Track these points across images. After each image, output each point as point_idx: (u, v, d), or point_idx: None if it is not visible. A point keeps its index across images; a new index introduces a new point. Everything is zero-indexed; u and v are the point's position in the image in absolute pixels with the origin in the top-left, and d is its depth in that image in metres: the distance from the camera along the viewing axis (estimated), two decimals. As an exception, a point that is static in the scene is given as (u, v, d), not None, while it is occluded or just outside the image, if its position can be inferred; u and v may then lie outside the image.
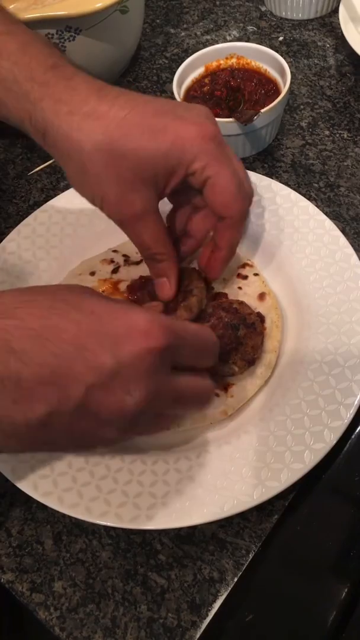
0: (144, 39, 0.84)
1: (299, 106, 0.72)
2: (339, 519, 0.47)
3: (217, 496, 0.44)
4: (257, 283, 0.55)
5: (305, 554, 0.46)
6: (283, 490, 0.44)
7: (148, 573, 0.45)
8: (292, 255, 0.56)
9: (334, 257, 0.54)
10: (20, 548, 0.47)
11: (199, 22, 0.85)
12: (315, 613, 0.43)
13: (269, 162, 0.67)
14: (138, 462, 0.47)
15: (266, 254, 0.57)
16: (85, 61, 0.69)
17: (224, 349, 0.49)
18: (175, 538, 0.46)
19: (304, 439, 0.46)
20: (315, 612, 0.43)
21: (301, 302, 0.54)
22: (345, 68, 0.75)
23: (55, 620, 0.44)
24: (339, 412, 0.46)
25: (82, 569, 0.46)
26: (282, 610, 0.44)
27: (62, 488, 0.45)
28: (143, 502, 0.44)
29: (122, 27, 0.70)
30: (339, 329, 0.51)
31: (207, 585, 0.44)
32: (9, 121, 0.48)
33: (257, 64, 0.68)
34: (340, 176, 0.65)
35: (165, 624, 0.43)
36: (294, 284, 0.55)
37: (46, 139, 0.45)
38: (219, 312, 0.51)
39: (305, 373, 0.49)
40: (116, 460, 0.47)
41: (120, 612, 0.44)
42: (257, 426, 0.48)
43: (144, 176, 0.44)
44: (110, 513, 0.44)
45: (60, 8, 0.61)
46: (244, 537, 0.46)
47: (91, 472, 0.46)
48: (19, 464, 0.46)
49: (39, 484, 0.45)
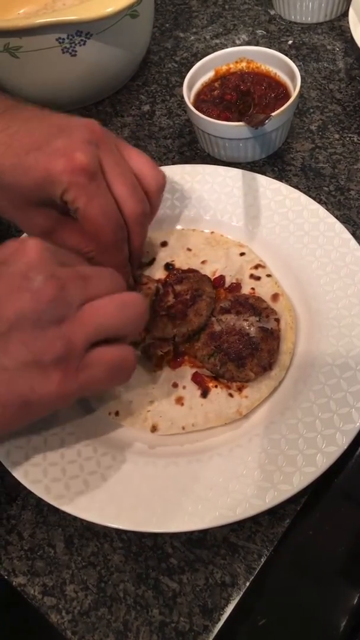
0: (154, 43, 0.84)
1: (309, 110, 0.72)
2: (350, 523, 0.46)
3: (229, 499, 0.44)
4: (270, 284, 0.55)
5: (317, 558, 0.46)
6: (295, 494, 0.44)
7: (160, 577, 0.45)
8: (302, 258, 0.56)
9: (345, 260, 0.54)
10: (32, 551, 0.47)
11: (208, 26, 0.86)
12: (327, 618, 0.43)
13: (278, 166, 0.67)
14: (150, 466, 0.47)
15: (276, 256, 0.57)
16: (95, 65, 0.70)
17: (239, 354, 0.50)
18: (186, 542, 0.46)
19: (315, 442, 0.46)
20: (327, 618, 0.43)
21: (311, 305, 0.54)
22: (355, 71, 0.75)
23: (67, 623, 0.44)
24: (351, 415, 0.46)
25: (93, 573, 0.46)
26: (293, 615, 0.44)
27: (75, 491, 0.45)
28: (155, 505, 0.44)
29: (132, 31, 0.70)
30: (350, 331, 0.50)
31: (219, 589, 0.44)
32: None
33: (266, 68, 0.69)
34: (351, 179, 0.65)
35: (177, 628, 0.43)
36: (304, 287, 0.55)
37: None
38: (236, 307, 0.52)
39: (317, 376, 0.49)
40: (128, 465, 0.47)
41: (132, 616, 0.44)
42: (268, 429, 0.47)
43: (34, 202, 0.47)
44: (124, 516, 0.44)
45: (71, 13, 0.62)
46: (255, 541, 0.46)
47: (102, 475, 0.46)
48: (14, 448, 0.47)
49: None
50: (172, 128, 0.74)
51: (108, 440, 0.49)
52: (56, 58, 0.66)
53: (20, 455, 0.47)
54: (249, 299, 0.53)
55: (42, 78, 0.69)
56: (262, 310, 0.52)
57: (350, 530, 0.46)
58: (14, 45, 0.64)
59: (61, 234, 0.49)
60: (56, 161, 0.44)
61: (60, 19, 0.62)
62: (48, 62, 0.67)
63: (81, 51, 0.66)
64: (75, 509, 0.45)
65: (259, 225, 0.59)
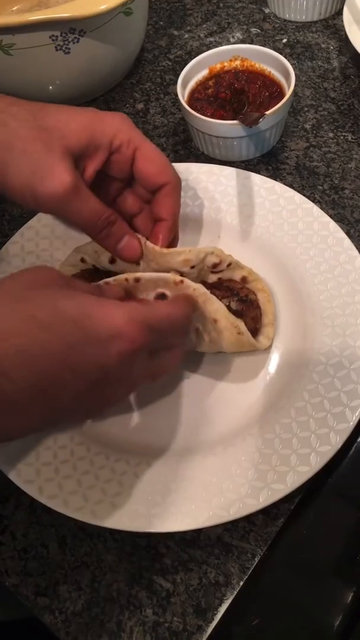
0: (148, 40, 0.84)
1: (303, 108, 0.72)
2: (344, 522, 0.46)
3: (222, 499, 0.44)
4: (236, 270, 0.54)
5: (311, 558, 0.46)
6: (289, 494, 0.44)
7: (153, 577, 0.45)
8: (297, 257, 0.56)
9: (339, 259, 0.54)
10: (25, 551, 0.47)
11: (202, 24, 0.85)
12: (321, 617, 0.43)
13: (273, 165, 0.67)
14: (143, 465, 0.47)
15: (270, 256, 0.57)
16: (89, 63, 0.69)
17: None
18: (180, 542, 0.46)
19: (309, 441, 0.46)
20: (321, 617, 0.43)
21: (305, 304, 0.54)
22: (349, 70, 0.75)
23: (60, 624, 0.44)
24: (345, 415, 0.46)
25: (87, 573, 0.46)
26: (287, 615, 0.44)
27: (68, 491, 0.45)
28: (148, 505, 0.44)
29: (126, 29, 0.70)
30: (344, 331, 0.50)
31: (212, 589, 0.44)
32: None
33: (261, 66, 0.68)
34: (345, 178, 0.65)
35: (171, 628, 0.43)
36: (298, 286, 0.55)
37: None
38: (214, 292, 0.50)
39: (311, 375, 0.49)
40: (121, 464, 0.47)
41: (126, 616, 0.44)
42: (262, 429, 0.47)
43: (71, 148, 0.45)
44: (117, 516, 0.44)
45: (65, 10, 0.61)
46: (249, 540, 0.45)
47: (96, 475, 0.46)
48: (7, 448, 0.47)
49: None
50: (166, 126, 0.73)
51: (101, 440, 0.49)
52: (49, 56, 0.66)
53: (13, 454, 0.47)
54: (223, 283, 0.53)
55: (35, 76, 0.69)
56: (237, 290, 0.52)
57: (344, 529, 0.46)
58: (6, 42, 0.63)
59: (82, 195, 0.46)
60: (104, 113, 0.48)
61: (53, 16, 0.61)
62: (41, 59, 0.66)
63: (75, 49, 0.66)
64: (68, 509, 0.44)
65: (253, 224, 0.59)
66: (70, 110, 0.47)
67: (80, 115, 0.46)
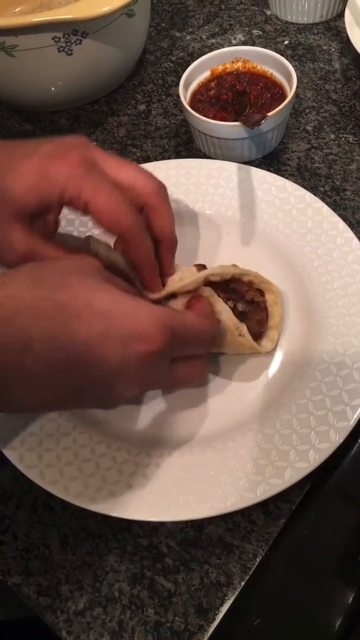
0: (150, 42, 0.84)
1: (305, 110, 0.72)
2: (346, 523, 0.46)
3: (220, 492, 0.44)
4: (243, 275, 0.53)
5: (313, 558, 0.46)
6: (289, 492, 0.44)
7: (155, 577, 0.45)
8: (305, 256, 0.56)
9: (347, 259, 0.54)
10: (26, 551, 0.47)
11: (204, 25, 0.86)
12: (322, 618, 0.43)
13: (274, 166, 0.67)
14: (143, 455, 0.47)
15: (278, 253, 0.58)
16: (91, 64, 0.70)
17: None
18: (182, 541, 0.46)
19: (309, 438, 0.46)
20: (322, 617, 0.43)
21: (311, 303, 0.54)
22: (351, 72, 0.76)
23: (62, 623, 0.44)
24: (346, 413, 0.46)
25: (88, 572, 0.46)
26: (289, 615, 0.44)
27: (68, 477, 0.46)
28: (147, 494, 0.45)
29: (128, 30, 0.70)
30: (348, 330, 0.50)
31: (214, 589, 0.44)
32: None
33: (262, 68, 0.69)
34: (346, 180, 0.65)
35: (173, 627, 0.43)
36: (305, 285, 0.55)
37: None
38: (219, 293, 0.51)
39: (313, 373, 0.49)
40: (122, 453, 0.47)
41: (127, 615, 0.44)
42: (262, 424, 0.48)
43: (22, 212, 0.44)
44: (114, 503, 0.45)
45: (67, 12, 0.61)
46: (250, 540, 0.46)
47: (97, 463, 0.47)
48: (11, 433, 0.48)
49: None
50: (168, 128, 0.74)
51: (103, 429, 0.49)
52: (52, 57, 0.66)
53: (16, 440, 0.48)
54: (230, 284, 0.53)
55: (38, 77, 0.69)
56: (244, 292, 0.52)
57: (345, 529, 0.46)
58: (9, 44, 0.64)
59: (40, 251, 0.45)
60: (52, 161, 0.43)
61: (56, 18, 0.61)
62: (44, 61, 0.66)
63: (77, 50, 0.66)
64: (69, 495, 0.45)
65: (263, 222, 0.59)
66: (16, 165, 0.44)
67: (26, 173, 0.43)
